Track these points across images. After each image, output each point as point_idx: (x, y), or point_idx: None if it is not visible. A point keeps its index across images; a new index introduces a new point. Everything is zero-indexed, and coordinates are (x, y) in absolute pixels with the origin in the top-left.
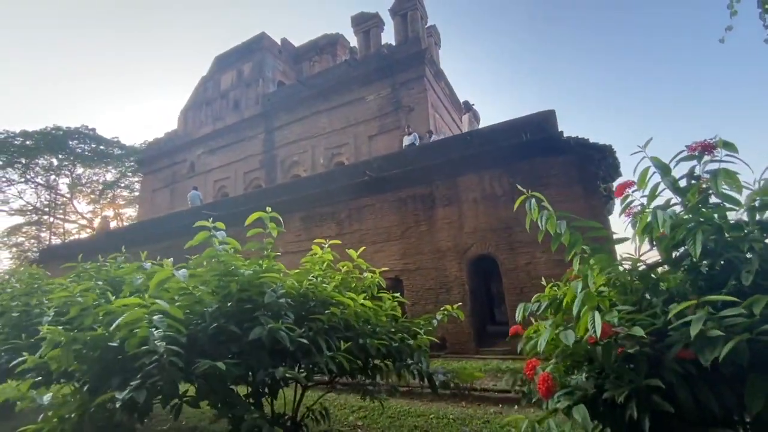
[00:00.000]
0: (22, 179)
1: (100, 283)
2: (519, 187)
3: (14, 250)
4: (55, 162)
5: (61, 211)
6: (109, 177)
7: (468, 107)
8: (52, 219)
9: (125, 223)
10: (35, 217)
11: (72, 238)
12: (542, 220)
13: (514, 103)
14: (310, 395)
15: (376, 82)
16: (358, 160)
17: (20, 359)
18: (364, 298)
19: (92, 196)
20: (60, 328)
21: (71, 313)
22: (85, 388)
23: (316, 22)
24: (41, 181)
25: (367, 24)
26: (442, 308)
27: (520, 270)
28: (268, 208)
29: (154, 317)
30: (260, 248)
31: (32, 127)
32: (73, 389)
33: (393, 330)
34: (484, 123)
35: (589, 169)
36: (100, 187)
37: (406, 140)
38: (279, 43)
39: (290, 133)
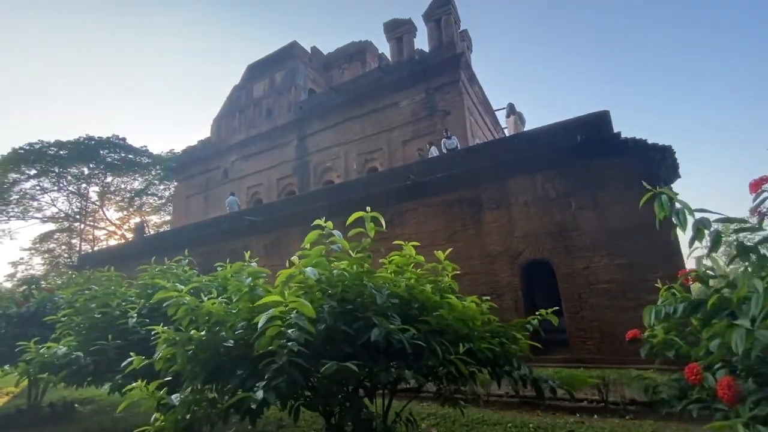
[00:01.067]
0: (55, 188)
1: (180, 285)
2: (575, 188)
3: (46, 256)
4: (86, 171)
5: (90, 219)
6: (137, 185)
7: (512, 110)
8: (82, 226)
9: (151, 230)
10: (66, 224)
11: (101, 244)
12: (679, 216)
13: (546, 105)
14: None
15: (409, 87)
16: (392, 165)
17: (129, 360)
18: None
19: (121, 204)
20: (167, 328)
21: (178, 314)
22: (201, 387)
23: (343, 31)
24: (73, 189)
25: (399, 30)
26: (536, 312)
27: (578, 275)
28: (368, 209)
29: (292, 315)
30: (361, 248)
31: (67, 138)
32: (193, 389)
33: (488, 334)
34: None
35: (651, 170)
36: (129, 195)
37: (447, 144)
38: (309, 51)
39: (323, 139)
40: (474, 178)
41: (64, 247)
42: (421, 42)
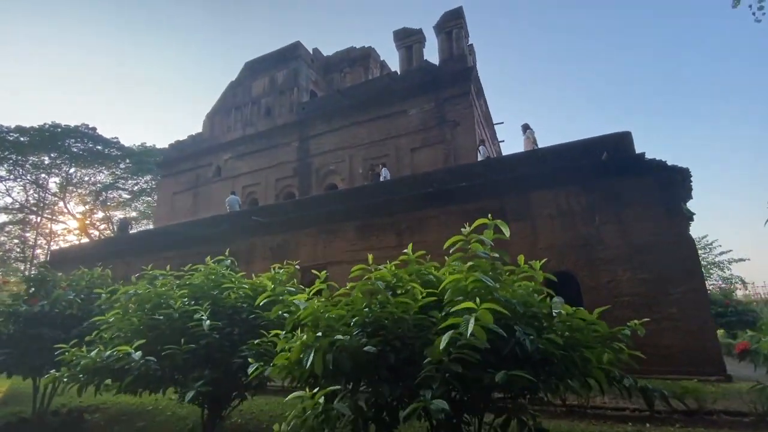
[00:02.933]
0: (11, 176)
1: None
2: (599, 204)
3: None
4: (47, 160)
5: (49, 211)
6: (101, 178)
7: (526, 128)
8: (39, 219)
9: (114, 227)
10: (21, 216)
11: (58, 239)
12: None
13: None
14: None
15: (419, 96)
16: (399, 172)
17: (255, 366)
18: None
19: (84, 197)
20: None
21: (302, 315)
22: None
23: (337, 35)
24: (30, 179)
25: (410, 39)
26: (628, 322)
27: (602, 288)
28: (490, 216)
29: (470, 323)
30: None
31: (31, 124)
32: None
33: (599, 344)
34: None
35: (672, 191)
36: (94, 189)
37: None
38: (311, 52)
39: (326, 142)
40: (497, 189)
41: (16, 240)
42: (428, 52)
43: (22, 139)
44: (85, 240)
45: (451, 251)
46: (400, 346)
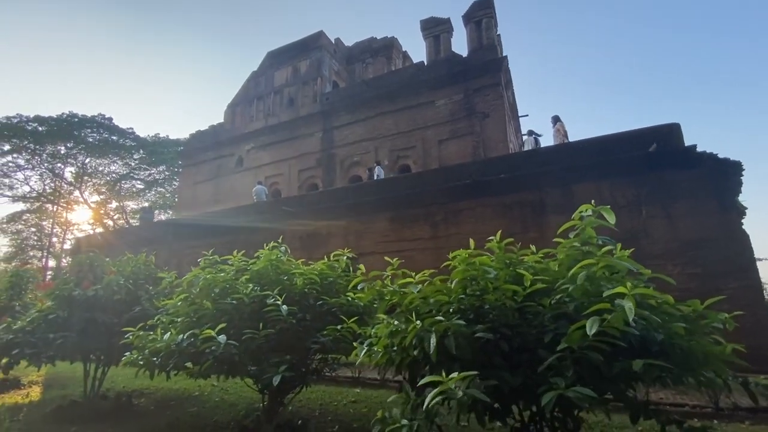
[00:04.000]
0: (29, 165)
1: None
2: (646, 197)
3: (14, 237)
4: (63, 149)
5: (64, 201)
6: (115, 168)
7: (556, 120)
8: (55, 208)
9: (130, 217)
10: (38, 205)
11: (74, 228)
12: None
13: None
14: None
15: (447, 86)
16: (426, 164)
17: (364, 348)
18: None
19: (98, 187)
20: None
21: (406, 300)
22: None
23: (361, 26)
24: (47, 168)
25: (437, 29)
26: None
27: (650, 283)
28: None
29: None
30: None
31: (50, 114)
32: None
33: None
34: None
35: (724, 184)
36: (108, 178)
37: (378, 171)
38: (333, 42)
39: (351, 133)
40: (537, 181)
41: (33, 229)
42: (454, 43)
43: (40, 128)
44: (99, 229)
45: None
46: (511, 333)
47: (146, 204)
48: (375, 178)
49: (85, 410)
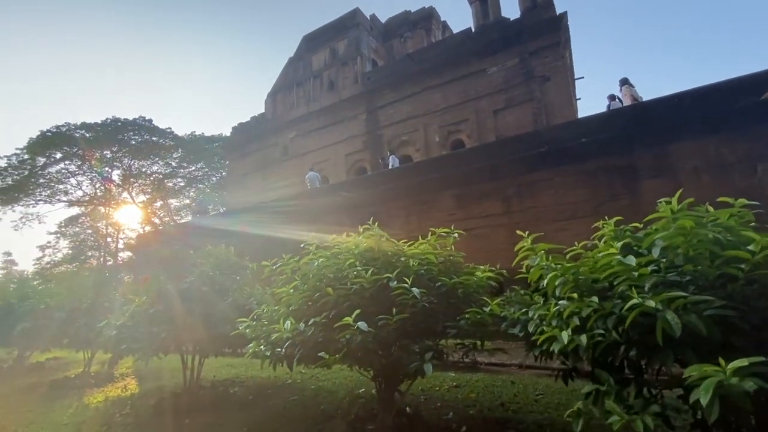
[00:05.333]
0: (80, 171)
1: None
2: (761, 151)
3: (72, 239)
4: (108, 154)
5: (114, 202)
6: (156, 168)
7: (624, 83)
8: (107, 209)
9: (173, 213)
10: (91, 208)
11: (125, 228)
12: None
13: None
14: None
15: (499, 52)
16: (481, 136)
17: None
18: None
19: (144, 187)
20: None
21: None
22: None
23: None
24: (97, 173)
25: None
26: None
27: None
28: None
29: None
30: None
31: (94, 120)
32: None
33: None
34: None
35: None
36: (152, 178)
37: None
38: (369, 18)
39: (396, 111)
40: (626, 143)
41: (89, 230)
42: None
43: (87, 135)
44: (148, 228)
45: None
46: (747, 308)
47: (187, 201)
48: (390, 167)
49: (188, 401)
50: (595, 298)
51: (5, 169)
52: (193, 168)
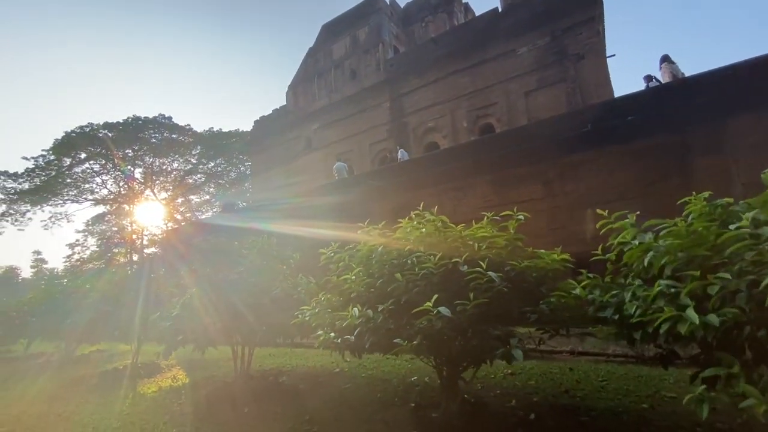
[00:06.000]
0: (104, 170)
1: None
2: None
3: (100, 237)
4: (130, 153)
5: (137, 200)
6: (176, 165)
7: (664, 60)
8: (131, 207)
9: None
10: (116, 206)
11: (149, 225)
12: None
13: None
14: None
15: (529, 31)
16: (512, 120)
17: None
18: None
19: (165, 185)
20: None
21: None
22: None
23: None
24: (120, 172)
25: None
26: None
27: None
28: None
29: None
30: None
31: (116, 119)
32: None
33: None
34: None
35: None
36: (174, 175)
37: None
38: (388, 3)
39: (422, 97)
40: (677, 120)
41: (115, 228)
42: None
43: (110, 134)
44: (171, 224)
45: None
46: None
47: (207, 197)
48: (399, 161)
49: (241, 390)
50: (727, 275)
51: (33, 171)
52: (212, 164)
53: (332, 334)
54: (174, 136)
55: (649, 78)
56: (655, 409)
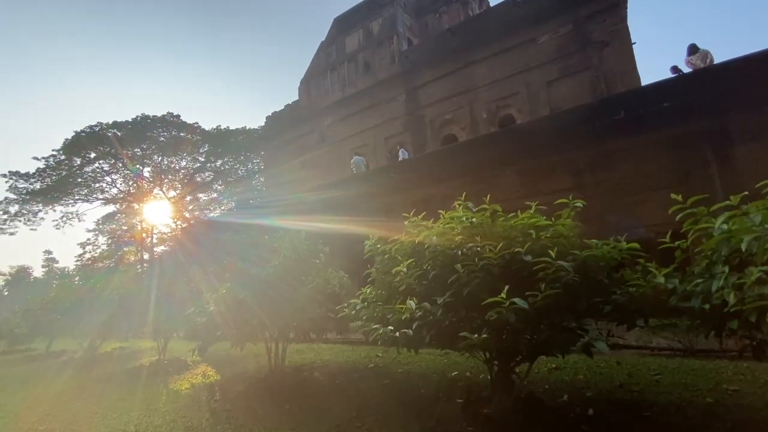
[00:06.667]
0: (113, 170)
1: None
2: None
3: (110, 236)
4: (139, 152)
5: (147, 199)
6: (184, 164)
7: (694, 50)
8: (140, 206)
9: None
10: (125, 205)
11: (159, 223)
12: None
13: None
14: None
15: (550, 19)
16: (534, 110)
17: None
18: None
19: (174, 183)
20: None
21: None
22: None
23: None
24: (129, 171)
25: None
26: None
27: None
28: None
29: None
30: None
31: (124, 118)
32: None
33: None
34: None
35: None
36: (182, 174)
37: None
38: None
39: (438, 89)
40: (717, 105)
41: (125, 227)
42: None
43: (118, 133)
44: (180, 222)
45: None
46: None
47: (214, 195)
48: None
49: (277, 386)
50: None
51: (44, 171)
52: (220, 162)
53: (389, 328)
54: (182, 134)
55: (675, 69)
56: (721, 403)
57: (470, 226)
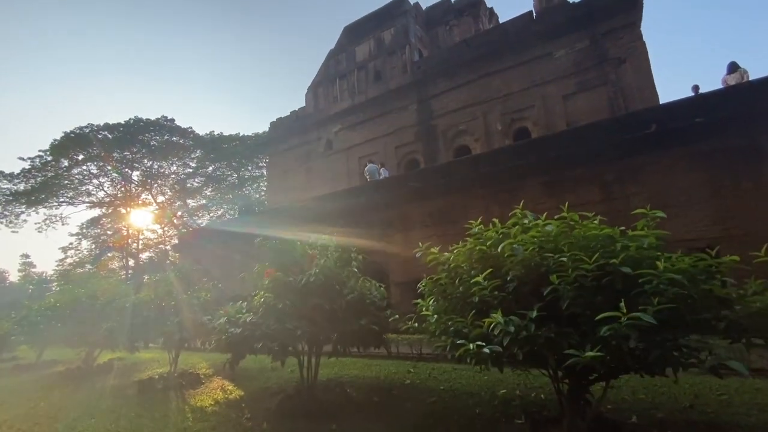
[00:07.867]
0: (101, 172)
1: None
2: None
3: (94, 241)
4: (129, 155)
5: (134, 203)
6: (174, 169)
7: (734, 68)
8: (127, 210)
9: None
10: (112, 209)
11: (146, 229)
12: None
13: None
14: None
15: (566, 34)
16: (549, 123)
17: None
18: None
19: (163, 188)
20: None
21: None
22: None
23: None
24: (117, 174)
25: None
26: None
27: None
28: None
29: None
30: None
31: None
32: None
33: None
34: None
35: None
36: (172, 179)
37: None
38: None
39: (452, 100)
40: (750, 121)
41: (110, 232)
42: None
43: (110, 136)
44: (168, 228)
45: None
46: None
47: (203, 201)
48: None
49: (311, 403)
50: None
51: (29, 171)
52: (212, 168)
53: (478, 344)
54: (174, 138)
55: (696, 88)
56: None
57: (542, 234)
